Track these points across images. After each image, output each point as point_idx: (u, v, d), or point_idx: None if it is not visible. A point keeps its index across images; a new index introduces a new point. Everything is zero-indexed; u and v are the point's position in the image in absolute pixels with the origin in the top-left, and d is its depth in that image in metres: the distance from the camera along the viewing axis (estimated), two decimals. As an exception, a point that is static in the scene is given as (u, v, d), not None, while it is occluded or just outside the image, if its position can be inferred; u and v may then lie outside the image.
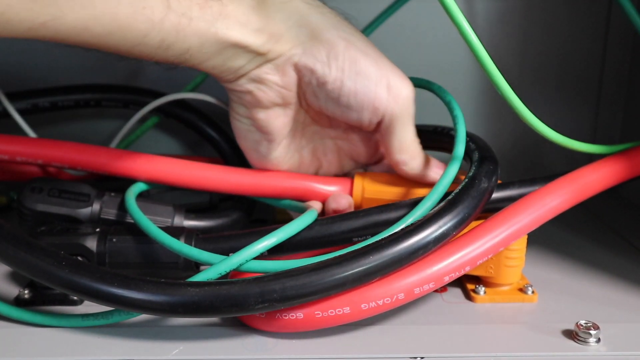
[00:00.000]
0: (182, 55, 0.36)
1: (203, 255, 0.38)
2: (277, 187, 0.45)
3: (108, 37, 0.33)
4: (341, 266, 0.34)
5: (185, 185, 0.45)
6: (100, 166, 0.45)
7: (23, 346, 0.35)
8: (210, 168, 0.45)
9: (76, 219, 0.43)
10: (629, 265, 0.47)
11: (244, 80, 0.39)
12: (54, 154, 0.46)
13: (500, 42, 0.62)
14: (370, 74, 0.40)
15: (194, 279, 0.36)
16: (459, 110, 0.43)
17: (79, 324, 0.37)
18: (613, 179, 0.44)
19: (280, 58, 0.39)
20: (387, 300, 0.36)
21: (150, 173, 0.45)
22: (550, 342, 0.36)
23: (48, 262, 0.35)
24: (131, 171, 0.45)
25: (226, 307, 0.33)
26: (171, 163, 0.45)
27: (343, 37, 0.40)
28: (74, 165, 0.46)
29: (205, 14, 0.35)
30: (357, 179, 0.45)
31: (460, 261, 0.37)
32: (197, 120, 0.56)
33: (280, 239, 0.39)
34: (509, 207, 0.40)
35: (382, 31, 0.61)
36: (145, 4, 0.33)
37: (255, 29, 0.37)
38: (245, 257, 0.37)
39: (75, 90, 0.55)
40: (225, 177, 0.45)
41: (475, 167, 0.40)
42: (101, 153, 0.46)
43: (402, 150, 0.42)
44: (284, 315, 0.35)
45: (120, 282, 0.34)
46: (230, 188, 0.45)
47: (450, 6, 0.35)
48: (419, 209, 0.39)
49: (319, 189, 0.45)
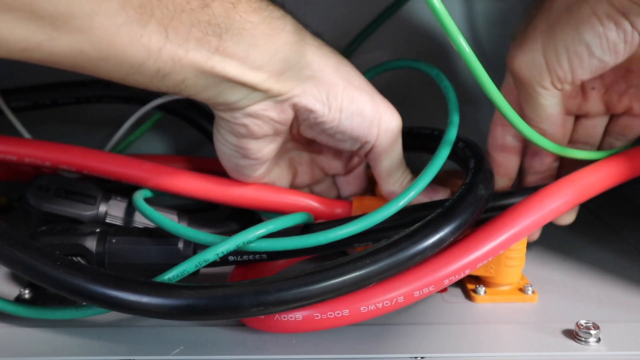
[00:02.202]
0: (177, 85, 0.36)
1: (208, 238, 0.38)
2: (278, 203, 0.45)
3: (103, 62, 0.33)
4: (337, 271, 0.34)
5: (191, 196, 0.45)
6: (109, 173, 0.45)
7: (23, 345, 0.35)
8: (214, 180, 0.45)
9: (81, 221, 0.43)
10: (629, 265, 0.48)
11: (239, 113, 0.39)
12: (61, 157, 0.45)
13: (500, 43, 0.62)
14: (366, 113, 0.41)
15: (191, 261, 0.36)
16: (454, 96, 0.43)
17: (74, 316, 0.37)
18: (613, 179, 0.44)
19: (279, 97, 0.39)
20: (386, 303, 0.36)
21: (158, 183, 0.45)
22: (551, 342, 0.36)
23: (43, 263, 0.35)
24: (140, 179, 0.45)
25: (221, 310, 0.33)
26: (180, 175, 0.45)
27: (342, 76, 0.40)
28: (80, 170, 0.46)
29: (203, 47, 0.35)
30: (356, 202, 0.45)
31: (460, 264, 0.37)
32: (200, 118, 0.56)
33: (277, 227, 0.39)
34: (509, 209, 0.40)
35: (382, 31, 0.61)
36: (144, 32, 0.32)
37: (255, 67, 0.37)
38: (243, 240, 0.37)
39: (76, 87, 0.55)
40: (228, 190, 0.45)
41: (472, 174, 0.40)
42: (110, 160, 0.46)
43: (390, 175, 0.43)
44: (283, 317, 0.35)
45: (114, 284, 0.34)
46: (233, 200, 0.45)
47: (441, 14, 0.35)
48: (412, 190, 0.39)
49: (320, 209, 0.45)
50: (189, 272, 0.36)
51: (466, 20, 0.61)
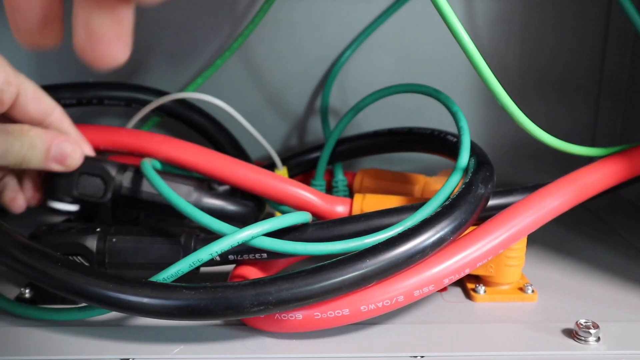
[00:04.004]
0: None
1: (214, 224, 0.37)
2: (280, 192, 0.45)
3: None
4: (337, 270, 0.34)
5: (196, 170, 0.46)
6: (118, 145, 0.47)
7: (23, 345, 0.35)
8: (222, 157, 0.46)
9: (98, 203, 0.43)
10: (629, 264, 0.48)
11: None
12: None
13: (500, 42, 0.62)
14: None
15: (185, 261, 0.36)
16: (465, 122, 0.43)
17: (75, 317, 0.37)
18: (613, 179, 0.44)
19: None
20: (386, 302, 0.36)
21: (167, 154, 0.46)
22: (550, 341, 0.36)
23: (43, 264, 0.35)
24: (149, 150, 0.46)
25: (221, 310, 0.33)
26: (186, 147, 0.46)
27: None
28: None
29: None
30: (356, 200, 0.45)
31: (460, 263, 0.37)
32: (200, 119, 0.56)
33: (273, 227, 0.38)
34: (508, 208, 0.40)
35: (382, 31, 0.61)
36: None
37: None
38: (238, 240, 0.36)
39: (78, 88, 0.55)
40: (233, 169, 0.45)
41: (471, 173, 0.40)
42: (118, 132, 0.47)
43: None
44: (283, 316, 0.36)
45: (115, 284, 0.34)
46: (235, 180, 0.45)
47: (445, 10, 0.35)
48: (419, 214, 0.39)
49: (320, 205, 0.45)
50: (183, 272, 0.36)
51: (466, 20, 0.61)
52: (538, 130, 0.40)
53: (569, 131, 0.65)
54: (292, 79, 0.63)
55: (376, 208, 0.43)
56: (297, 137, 0.65)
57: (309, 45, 0.62)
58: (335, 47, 0.62)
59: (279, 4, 0.57)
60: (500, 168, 0.44)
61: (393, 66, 0.63)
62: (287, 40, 0.62)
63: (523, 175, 0.62)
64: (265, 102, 0.63)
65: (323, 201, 0.45)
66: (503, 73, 0.46)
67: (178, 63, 0.62)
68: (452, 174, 0.41)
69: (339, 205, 0.45)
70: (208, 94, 0.52)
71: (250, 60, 0.62)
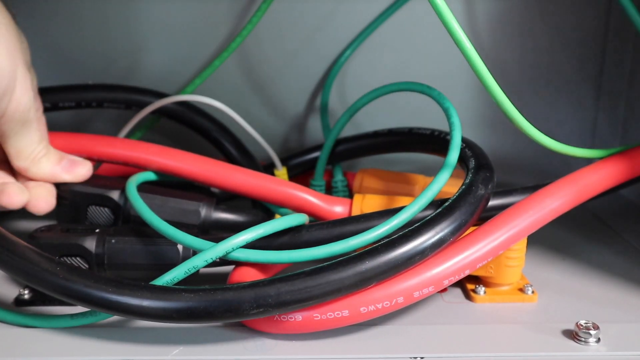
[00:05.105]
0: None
1: (196, 242, 0.37)
2: (277, 194, 0.45)
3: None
4: (337, 272, 0.34)
5: (191, 177, 0.46)
6: (113, 156, 0.46)
7: (22, 347, 0.35)
8: (216, 163, 0.46)
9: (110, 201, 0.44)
10: (629, 265, 0.47)
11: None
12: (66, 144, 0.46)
13: (500, 42, 0.62)
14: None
15: (179, 268, 0.36)
16: (457, 118, 0.43)
17: (68, 324, 0.37)
18: (613, 179, 0.44)
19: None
20: (386, 303, 0.36)
21: (160, 164, 0.46)
22: (550, 342, 0.36)
23: (41, 267, 0.35)
24: (143, 161, 0.46)
25: (220, 312, 0.33)
26: (181, 156, 0.46)
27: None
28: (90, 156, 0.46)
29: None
30: (356, 199, 0.45)
31: (460, 264, 0.37)
32: (200, 121, 0.56)
33: (267, 231, 0.38)
34: (508, 209, 0.40)
35: (382, 31, 0.61)
36: None
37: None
38: (232, 246, 0.36)
39: (77, 90, 0.55)
40: (230, 174, 0.45)
41: (471, 174, 0.40)
42: (113, 142, 0.47)
43: (19, 158, 0.40)
44: (283, 317, 0.35)
45: (114, 287, 0.34)
46: (232, 186, 0.45)
47: (442, 11, 0.35)
48: (404, 213, 0.38)
49: (319, 206, 0.45)
50: (178, 279, 0.36)
51: (466, 21, 0.61)
52: (537, 133, 0.40)
53: (568, 131, 0.65)
54: (291, 79, 0.63)
55: (376, 208, 0.43)
56: (296, 137, 0.65)
57: (308, 45, 0.62)
58: (335, 47, 0.62)
59: (277, 4, 0.57)
60: (500, 168, 0.44)
61: (393, 66, 0.63)
62: (286, 40, 0.62)
63: (523, 175, 0.62)
64: (264, 102, 0.63)
65: (322, 202, 0.45)
66: (503, 73, 0.46)
67: (176, 64, 0.62)
68: (441, 170, 0.41)
69: (339, 205, 0.45)
70: (206, 95, 0.52)
71: (248, 60, 0.62)
